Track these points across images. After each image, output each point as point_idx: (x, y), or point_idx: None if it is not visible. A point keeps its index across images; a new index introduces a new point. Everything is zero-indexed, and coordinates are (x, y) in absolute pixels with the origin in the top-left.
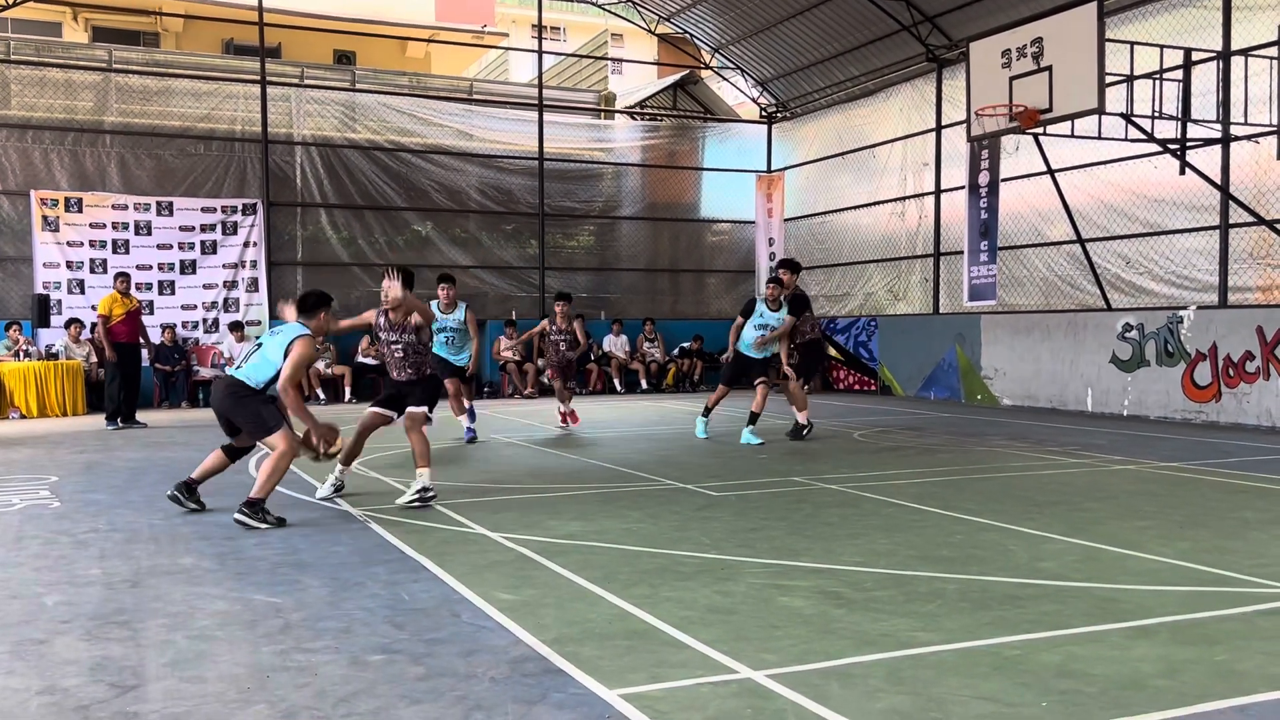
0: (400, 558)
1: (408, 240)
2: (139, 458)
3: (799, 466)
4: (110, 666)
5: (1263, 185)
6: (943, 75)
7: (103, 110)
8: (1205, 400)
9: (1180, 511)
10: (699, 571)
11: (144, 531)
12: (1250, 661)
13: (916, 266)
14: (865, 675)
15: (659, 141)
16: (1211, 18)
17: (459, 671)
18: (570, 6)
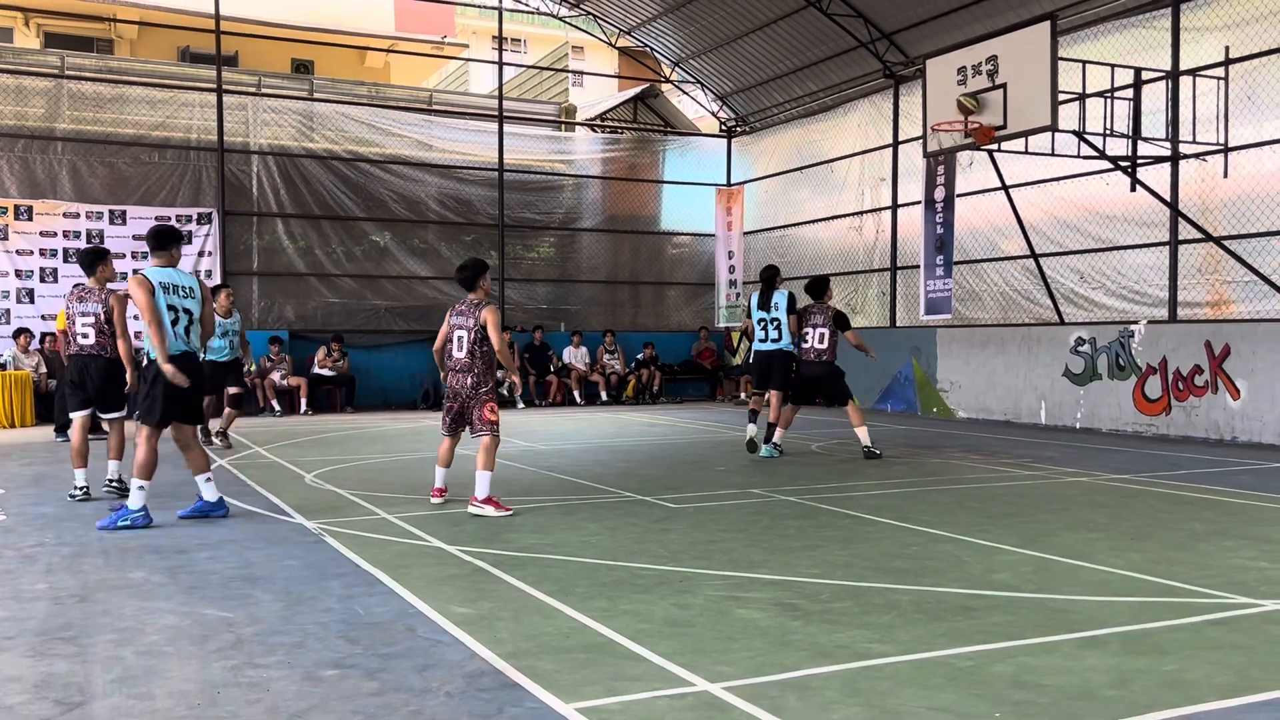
0: (355, 571)
1: (366, 250)
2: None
3: (757, 479)
4: (56, 683)
5: (1209, 202)
6: (900, 92)
7: (54, 117)
8: (1155, 413)
9: (1130, 523)
10: (657, 584)
11: (93, 545)
12: (1198, 671)
13: (874, 280)
14: (821, 687)
15: (619, 154)
16: (1161, 38)
17: (414, 686)
18: (531, 19)
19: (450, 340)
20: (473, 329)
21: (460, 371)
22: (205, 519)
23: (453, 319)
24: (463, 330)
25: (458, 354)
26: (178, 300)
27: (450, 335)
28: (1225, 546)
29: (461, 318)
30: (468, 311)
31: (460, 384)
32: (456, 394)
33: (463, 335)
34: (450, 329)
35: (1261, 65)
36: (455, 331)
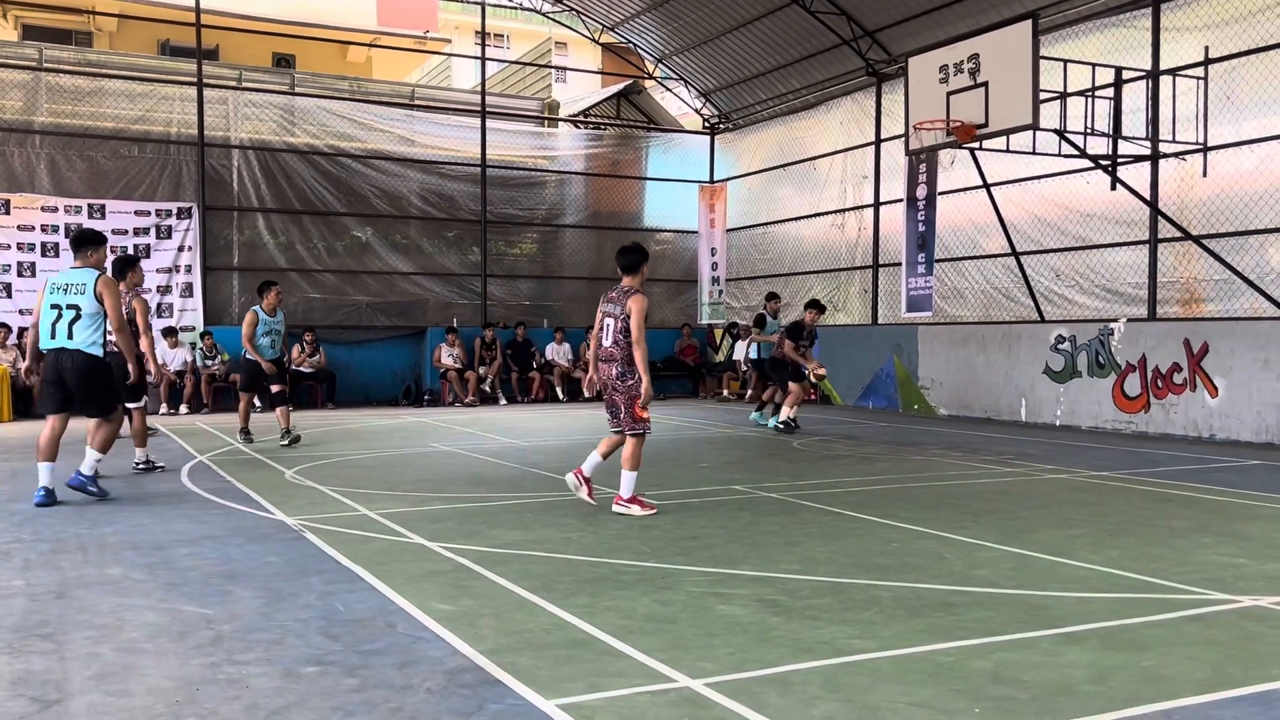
0: (336, 568)
1: (347, 246)
2: (65, 466)
3: (739, 475)
4: (32, 680)
5: (1188, 201)
6: (882, 89)
7: (32, 110)
8: (1135, 411)
9: (1110, 520)
10: (638, 580)
11: (71, 541)
12: (1176, 666)
13: (856, 277)
14: (802, 683)
15: (602, 150)
16: (1141, 38)
17: (394, 683)
18: (514, 14)
19: (601, 328)
20: (620, 317)
21: (605, 361)
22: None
23: (604, 306)
24: (610, 318)
25: (605, 342)
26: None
27: (601, 323)
28: (1203, 543)
29: (611, 305)
30: (618, 299)
31: (605, 374)
32: (605, 384)
33: (610, 323)
34: (601, 316)
35: (1240, 65)
36: (604, 319)
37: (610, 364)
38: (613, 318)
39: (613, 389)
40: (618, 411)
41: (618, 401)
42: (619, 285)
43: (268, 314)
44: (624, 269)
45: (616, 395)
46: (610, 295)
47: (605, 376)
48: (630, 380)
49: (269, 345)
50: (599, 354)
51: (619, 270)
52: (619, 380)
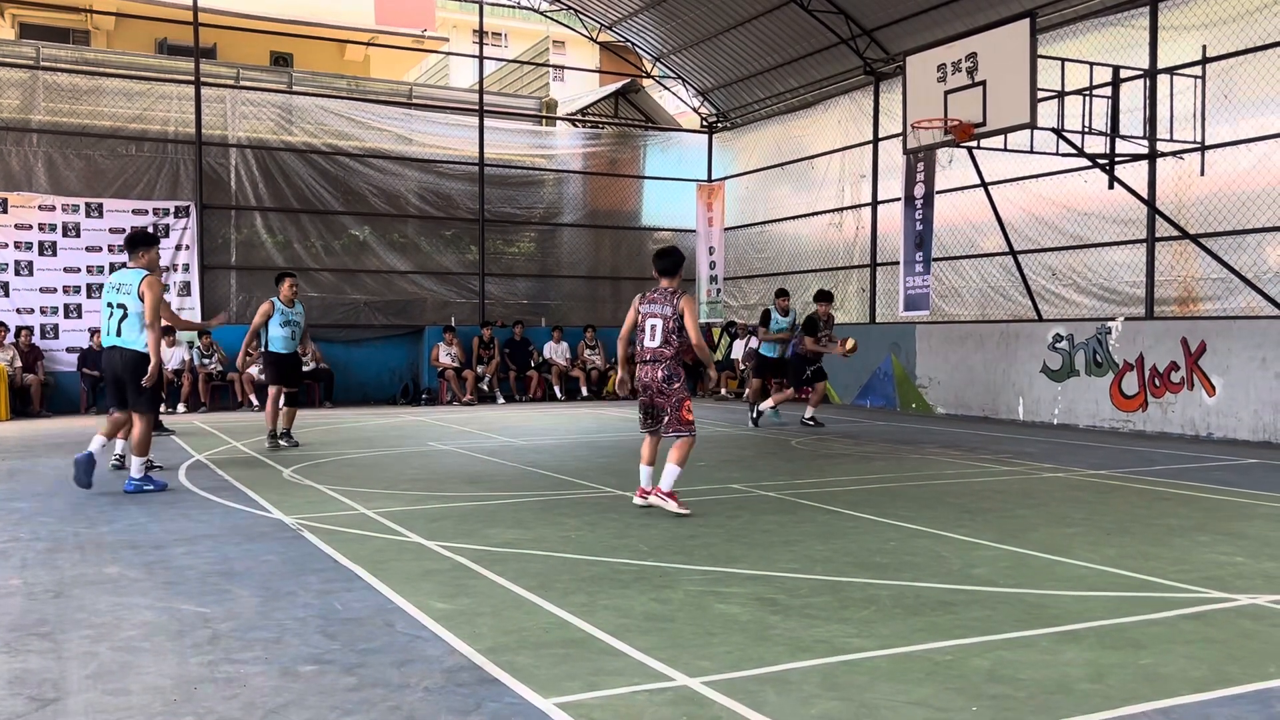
0: (334, 567)
1: (345, 245)
2: (64, 464)
3: (737, 474)
4: (30, 679)
5: (1185, 200)
6: (880, 88)
7: (30, 108)
8: (1132, 410)
9: (1108, 518)
10: (636, 579)
11: (68, 540)
12: (1174, 665)
13: (853, 276)
14: (800, 681)
15: (600, 149)
16: (1139, 37)
17: (392, 682)
18: (512, 12)
19: (640, 329)
20: (669, 318)
21: (651, 362)
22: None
23: (643, 306)
24: (657, 319)
25: (649, 343)
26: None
27: (640, 324)
28: (1201, 542)
29: (655, 305)
30: (662, 299)
31: (650, 376)
32: (646, 386)
33: (656, 324)
34: (641, 317)
35: (1238, 64)
36: (647, 320)
37: (657, 365)
38: (660, 318)
39: (656, 391)
40: (661, 414)
41: (662, 405)
42: (657, 287)
43: (285, 305)
44: (663, 271)
45: (661, 399)
46: (651, 296)
47: (649, 379)
48: (676, 384)
49: (289, 337)
50: (643, 355)
51: (656, 273)
52: (664, 383)
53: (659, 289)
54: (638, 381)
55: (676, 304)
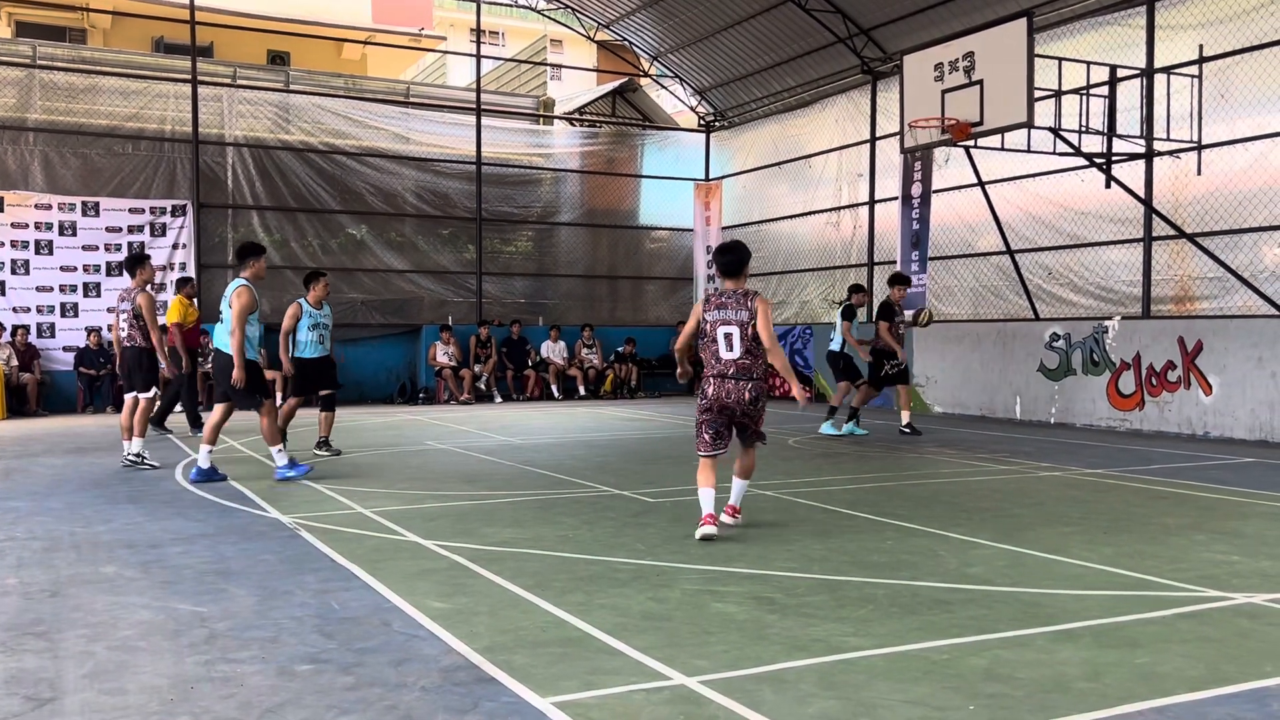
0: (331, 566)
1: (342, 243)
2: (60, 464)
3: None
4: (26, 679)
5: (1182, 199)
6: (877, 87)
7: (26, 107)
8: (1129, 409)
9: (1104, 517)
10: (634, 578)
11: (65, 540)
12: (1170, 664)
13: (851, 275)
14: (797, 680)
15: (598, 148)
16: (1136, 36)
17: (389, 681)
18: (509, 11)
19: (710, 339)
20: (747, 324)
21: (736, 378)
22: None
23: (710, 313)
24: (731, 326)
25: (727, 354)
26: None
27: (708, 333)
28: (1197, 541)
29: (726, 311)
30: (734, 303)
31: (736, 394)
32: (727, 406)
33: (732, 333)
34: (708, 325)
35: (1234, 63)
36: (719, 329)
37: (742, 383)
38: (736, 326)
39: (743, 413)
40: (743, 432)
41: (744, 425)
42: (722, 290)
43: (313, 306)
44: (726, 270)
45: (744, 419)
46: (718, 300)
47: (733, 399)
48: (763, 403)
49: (316, 340)
50: (721, 369)
51: (718, 272)
52: (751, 405)
53: (726, 291)
54: (715, 400)
55: (752, 307)
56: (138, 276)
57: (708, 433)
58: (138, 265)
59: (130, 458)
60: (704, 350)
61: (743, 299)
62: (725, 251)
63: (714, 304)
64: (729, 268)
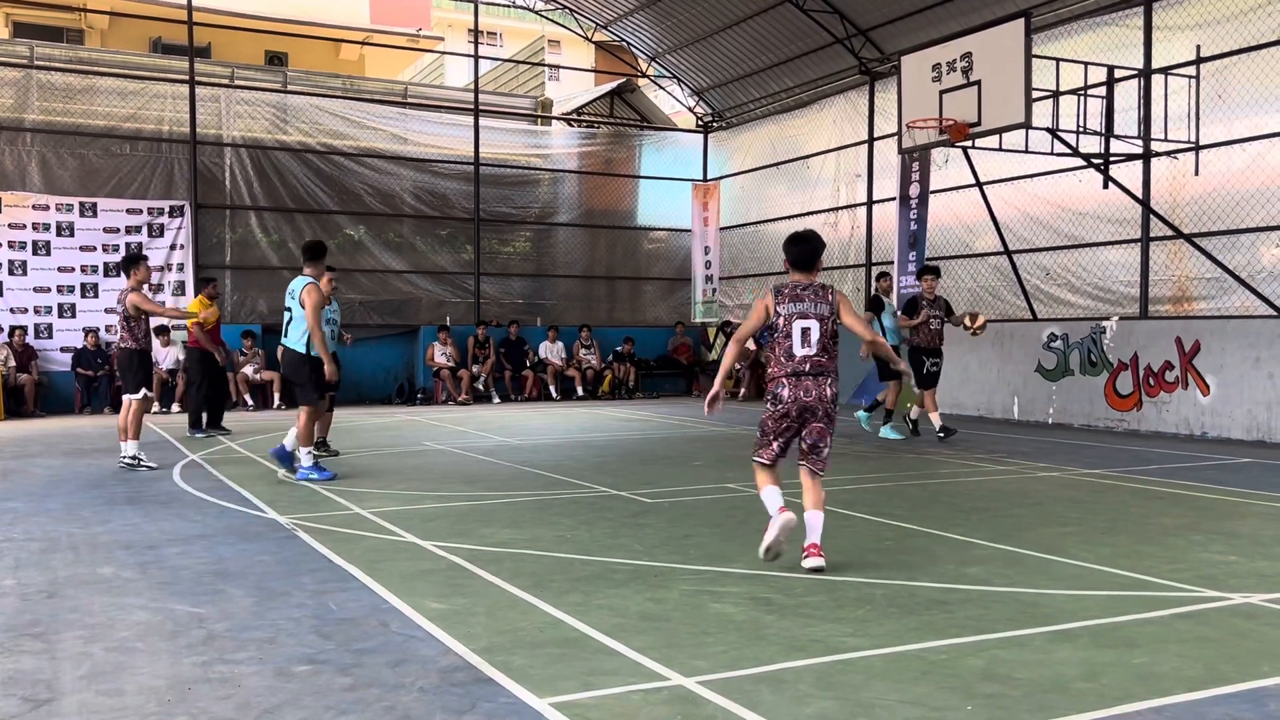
0: (328, 567)
1: (340, 244)
2: (58, 465)
3: (732, 474)
4: (23, 680)
5: (1180, 199)
6: (875, 88)
7: (23, 108)
8: (1127, 409)
9: (1102, 517)
10: (632, 579)
11: (62, 540)
12: (1168, 664)
13: (849, 276)
14: (795, 681)
15: (596, 148)
16: (1133, 36)
17: (387, 682)
18: (507, 12)
19: (785, 335)
20: (827, 319)
21: (813, 375)
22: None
23: (783, 306)
24: (810, 320)
25: (802, 350)
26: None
27: (782, 327)
28: (1195, 541)
29: (803, 304)
30: (812, 296)
31: (818, 392)
32: (808, 407)
33: (810, 327)
34: (781, 320)
35: (1232, 64)
36: (794, 322)
37: (822, 379)
38: (816, 320)
39: (824, 414)
40: (819, 443)
41: (821, 433)
42: (796, 282)
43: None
44: (798, 262)
45: (823, 423)
46: (793, 293)
47: (813, 397)
48: (837, 402)
49: (329, 336)
50: (795, 366)
51: (789, 264)
52: (833, 403)
53: (800, 284)
54: (793, 402)
55: (833, 300)
56: (132, 277)
57: (778, 441)
58: (132, 266)
59: (127, 459)
60: (772, 348)
61: (821, 292)
62: (799, 241)
63: (788, 296)
64: (803, 258)
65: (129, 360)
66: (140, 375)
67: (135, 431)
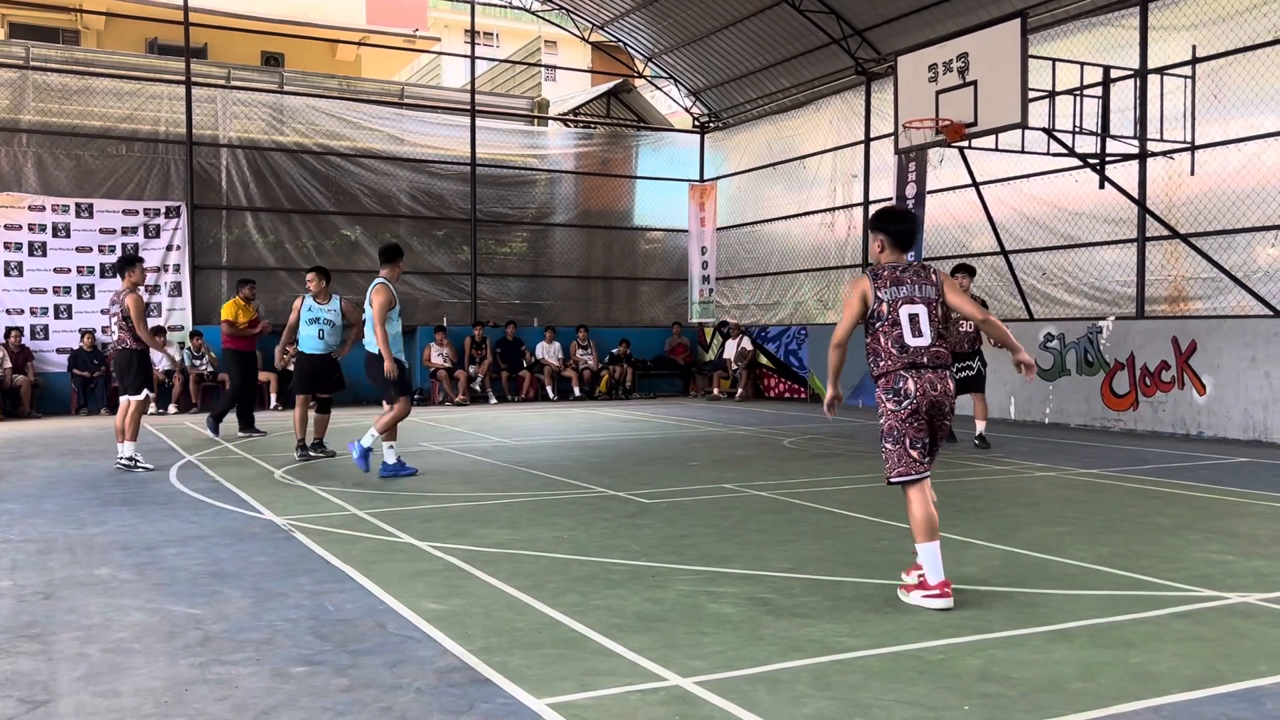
0: (325, 568)
1: (336, 244)
2: (54, 466)
3: (729, 474)
4: (20, 681)
5: (1175, 199)
6: (871, 88)
7: (19, 108)
8: (1123, 409)
9: (1099, 517)
10: (629, 579)
11: (59, 542)
12: (1165, 663)
13: (845, 276)
14: (792, 681)
15: (592, 149)
16: (1129, 37)
17: (384, 682)
18: (504, 12)
19: (891, 323)
20: (935, 302)
21: (934, 368)
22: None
23: (884, 291)
24: (917, 306)
25: (915, 340)
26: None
27: (888, 315)
28: (1191, 540)
29: (906, 287)
30: (916, 278)
31: (942, 387)
32: (936, 403)
33: (919, 313)
34: (887, 306)
35: (1228, 64)
36: (901, 309)
37: (943, 371)
38: (924, 305)
39: (950, 411)
40: (935, 445)
41: (947, 428)
42: (895, 263)
43: (314, 300)
44: (901, 240)
45: (948, 421)
46: (894, 275)
47: (938, 392)
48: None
49: (316, 336)
50: (912, 358)
51: (886, 242)
52: (954, 400)
53: (900, 265)
54: (921, 397)
55: (937, 281)
56: (127, 278)
57: (917, 446)
58: (127, 267)
59: (123, 460)
60: (877, 338)
61: (922, 273)
62: (898, 218)
63: (888, 279)
64: (903, 236)
65: (128, 361)
66: (140, 377)
67: (133, 433)
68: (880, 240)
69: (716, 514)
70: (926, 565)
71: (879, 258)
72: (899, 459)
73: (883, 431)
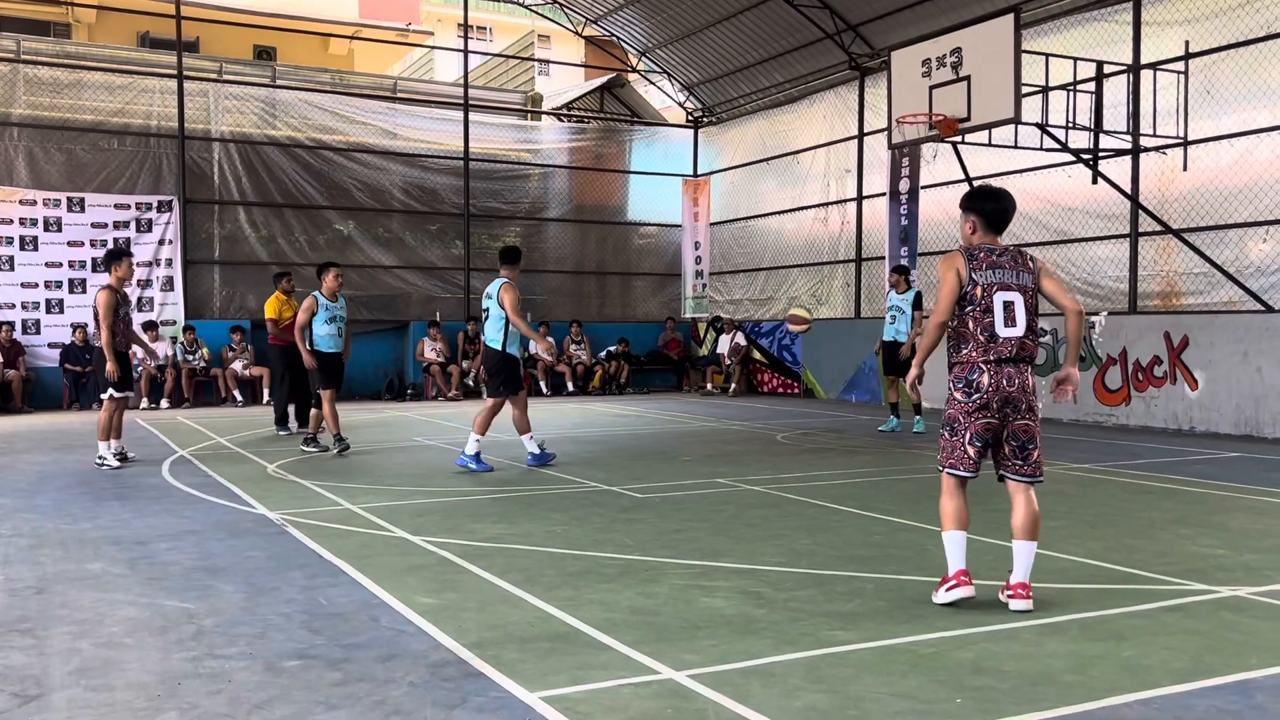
0: (318, 562)
1: (329, 239)
2: (46, 460)
3: (723, 468)
4: (12, 676)
5: (1168, 195)
6: (865, 83)
7: (10, 102)
8: (1116, 404)
9: (1091, 512)
10: (622, 573)
11: (51, 536)
12: (1155, 656)
13: (839, 271)
14: (785, 674)
15: (586, 144)
16: (1122, 32)
17: (377, 676)
18: (497, 6)
19: (984, 310)
20: (1030, 290)
21: (1016, 362)
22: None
23: (980, 273)
24: (1013, 293)
25: (1007, 331)
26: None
27: (982, 301)
28: (1183, 534)
29: (1002, 271)
30: (1010, 263)
31: (1020, 382)
32: (1011, 399)
33: (1014, 301)
34: (981, 290)
35: (1220, 60)
36: (996, 295)
37: (1024, 366)
38: (1019, 291)
39: (1027, 408)
40: (1026, 446)
41: (1031, 429)
42: (990, 246)
43: (328, 299)
44: (995, 221)
45: (1029, 419)
46: (989, 259)
47: (1015, 387)
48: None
49: (335, 334)
50: (998, 351)
51: (980, 224)
52: (1035, 395)
53: (996, 248)
54: (994, 392)
55: (1035, 268)
56: (113, 273)
57: (976, 444)
58: (114, 261)
59: (96, 460)
60: (965, 322)
61: (1020, 258)
62: (992, 197)
63: (984, 262)
64: (998, 217)
65: (99, 359)
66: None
67: (101, 433)
68: (972, 221)
69: (710, 509)
70: (947, 552)
71: (970, 240)
72: (952, 450)
73: (945, 419)
